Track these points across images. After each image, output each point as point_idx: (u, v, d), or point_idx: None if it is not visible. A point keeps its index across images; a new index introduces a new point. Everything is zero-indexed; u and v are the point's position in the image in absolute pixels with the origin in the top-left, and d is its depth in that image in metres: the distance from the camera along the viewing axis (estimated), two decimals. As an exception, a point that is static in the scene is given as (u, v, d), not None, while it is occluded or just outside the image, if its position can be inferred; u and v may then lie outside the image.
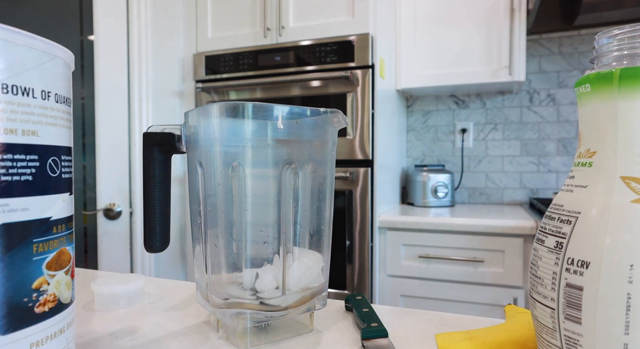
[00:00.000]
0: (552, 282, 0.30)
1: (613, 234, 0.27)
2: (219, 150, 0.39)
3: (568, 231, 0.30)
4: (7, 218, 0.25)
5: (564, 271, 0.29)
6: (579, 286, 0.28)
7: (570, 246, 0.29)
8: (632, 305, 0.26)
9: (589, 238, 0.28)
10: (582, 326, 0.28)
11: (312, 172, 0.43)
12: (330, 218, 0.45)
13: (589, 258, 0.28)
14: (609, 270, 0.27)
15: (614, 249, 0.27)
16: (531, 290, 0.32)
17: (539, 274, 0.31)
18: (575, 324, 0.28)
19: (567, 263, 0.29)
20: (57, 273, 0.29)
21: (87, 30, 1.79)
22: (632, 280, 0.26)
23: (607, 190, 0.29)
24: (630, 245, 0.27)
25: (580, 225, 0.29)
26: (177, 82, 1.71)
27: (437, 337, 0.36)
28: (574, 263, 0.29)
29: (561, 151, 1.77)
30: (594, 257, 0.28)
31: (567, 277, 0.29)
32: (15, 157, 0.26)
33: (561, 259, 0.30)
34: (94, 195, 1.65)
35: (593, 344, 0.27)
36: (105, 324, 0.47)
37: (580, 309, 0.28)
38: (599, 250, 0.28)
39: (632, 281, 0.26)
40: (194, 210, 0.45)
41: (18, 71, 0.26)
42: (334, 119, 0.43)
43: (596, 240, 0.28)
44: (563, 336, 0.29)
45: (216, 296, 0.40)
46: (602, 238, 0.28)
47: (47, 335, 0.28)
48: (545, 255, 0.31)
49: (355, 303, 0.48)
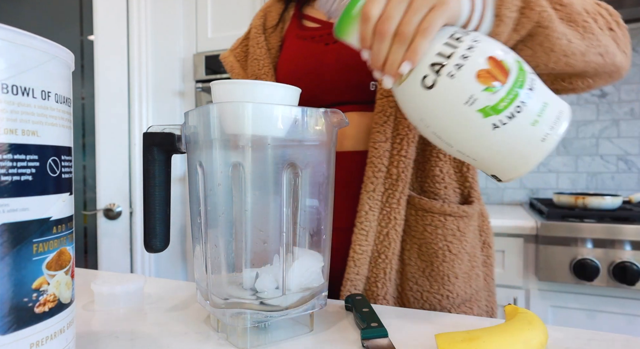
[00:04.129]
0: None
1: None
2: (219, 150, 0.39)
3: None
4: (7, 218, 0.25)
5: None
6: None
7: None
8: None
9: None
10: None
11: (312, 172, 0.43)
12: (330, 218, 0.45)
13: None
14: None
15: None
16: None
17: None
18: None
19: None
20: (57, 273, 0.29)
21: (87, 30, 1.79)
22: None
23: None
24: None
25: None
26: (177, 82, 1.71)
27: (437, 337, 0.36)
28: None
29: (561, 151, 1.77)
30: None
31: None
32: (15, 157, 0.26)
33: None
34: (94, 195, 1.65)
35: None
36: (105, 324, 0.47)
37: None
38: None
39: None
40: (194, 210, 0.45)
41: (18, 71, 0.26)
42: (334, 119, 0.43)
43: None
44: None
45: (216, 296, 0.40)
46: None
47: (47, 335, 0.28)
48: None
49: (355, 303, 0.48)
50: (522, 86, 0.39)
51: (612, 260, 1.16)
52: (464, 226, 0.60)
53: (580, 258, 1.18)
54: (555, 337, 0.42)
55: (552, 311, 1.25)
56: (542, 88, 0.40)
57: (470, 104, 0.39)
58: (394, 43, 0.40)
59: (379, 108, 0.58)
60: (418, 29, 0.39)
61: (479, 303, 0.64)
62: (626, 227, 1.15)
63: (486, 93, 0.38)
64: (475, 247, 0.65)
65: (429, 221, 0.59)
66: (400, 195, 0.57)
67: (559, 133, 0.39)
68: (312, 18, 0.70)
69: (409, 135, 0.57)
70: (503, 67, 0.39)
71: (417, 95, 0.41)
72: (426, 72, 0.40)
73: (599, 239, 1.18)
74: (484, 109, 0.39)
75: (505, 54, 0.40)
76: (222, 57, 0.76)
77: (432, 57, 0.40)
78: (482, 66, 0.38)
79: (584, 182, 1.74)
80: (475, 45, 0.39)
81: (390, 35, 0.40)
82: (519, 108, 0.38)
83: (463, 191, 0.63)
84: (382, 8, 0.40)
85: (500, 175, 0.42)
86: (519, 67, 0.40)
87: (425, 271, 0.59)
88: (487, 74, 0.38)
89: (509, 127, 0.39)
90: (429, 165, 0.60)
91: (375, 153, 0.57)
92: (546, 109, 0.39)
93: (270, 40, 0.71)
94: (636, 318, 1.17)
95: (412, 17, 0.39)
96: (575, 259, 1.18)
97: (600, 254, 1.17)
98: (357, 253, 0.56)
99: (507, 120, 0.38)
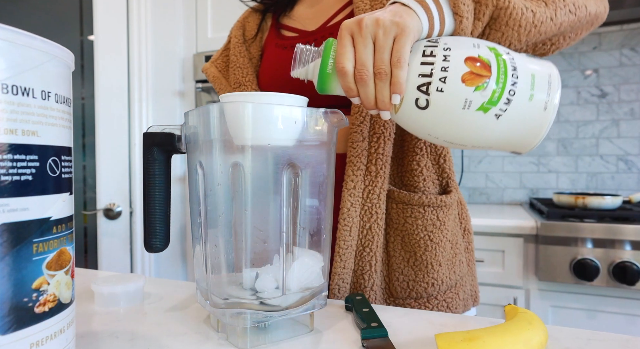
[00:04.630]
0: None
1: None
2: (219, 150, 0.39)
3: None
4: (7, 218, 0.25)
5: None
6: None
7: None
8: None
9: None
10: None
11: (312, 172, 0.43)
12: (330, 218, 0.45)
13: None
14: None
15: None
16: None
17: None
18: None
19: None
20: (57, 273, 0.29)
21: (87, 30, 1.79)
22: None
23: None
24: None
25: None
26: (177, 82, 1.71)
27: (437, 337, 0.36)
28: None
29: (561, 151, 1.77)
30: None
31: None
32: (15, 157, 0.26)
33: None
34: (94, 195, 1.65)
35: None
36: (105, 324, 0.47)
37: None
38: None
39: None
40: (194, 210, 0.45)
41: (18, 71, 0.26)
42: (334, 119, 0.43)
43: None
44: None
45: (216, 296, 0.40)
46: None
47: (47, 335, 0.28)
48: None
49: (355, 303, 0.48)
50: (505, 71, 0.40)
51: (612, 260, 1.16)
52: (443, 215, 0.63)
53: (580, 258, 1.18)
54: (555, 337, 0.42)
55: (552, 311, 1.25)
56: (523, 62, 0.42)
57: (467, 108, 0.40)
58: (377, 83, 0.43)
59: (355, 109, 0.60)
60: (392, 63, 0.42)
61: (464, 288, 0.67)
62: (626, 227, 1.15)
63: (477, 92, 0.40)
64: (457, 235, 0.67)
65: (409, 213, 0.61)
66: (380, 190, 0.59)
67: (556, 95, 0.41)
68: (290, 27, 0.72)
69: (385, 133, 0.60)
70: (482, 61, 0.40)
71: (416, 117, 0.43)
72: (416, 95, 0.42)
73: (599, 239, 1.18)
74: (482, 106, 0.40)
75: (477, 48, 0.41)
76: (203, 69, 0.78)
77: (416, 80, 0.42)
78: (464, 70, 0.40)
79: (584, 182, 1.74)
80: (448, 53, 0.41)
81: (371, 78, 0.43)
82: (512, 91, 0.40)
83: (441, 182, 0.66)
84: (352, 58, 0.43)
85: (518, 150, 0.44)
86: (495, 54, 0.41)
87: (409, 261, 0.61)
88: (471, 75, 0.40)
89: (510, 111, 0.41)
90: (407, 159, 0.63)
91: (354, 152, 0.59)
92: (535, 80, 0.41)
93: (251, 50, 0.74)
94: (636, 318, 1.17)
95: (382, 55, 0.42)
96: (575, 259, 1.18)
97: (600, 254, 1.17)
98: (342, 248, 0.58)
99: (506, 106, 0.40)
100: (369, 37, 0.42)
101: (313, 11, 0.71)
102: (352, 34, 0.43)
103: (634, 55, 1.66)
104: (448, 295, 0.63)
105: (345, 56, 0.43)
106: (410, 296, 0.61)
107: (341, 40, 0.44)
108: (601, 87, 1.71)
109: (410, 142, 0.62)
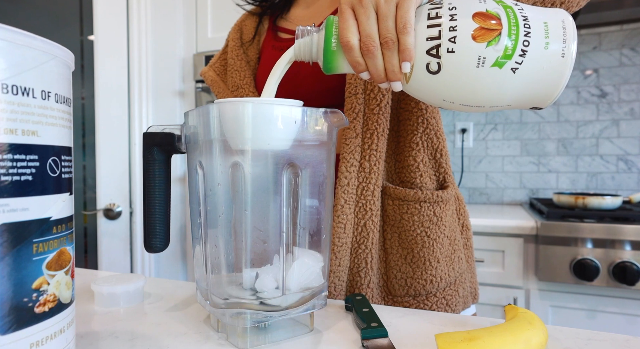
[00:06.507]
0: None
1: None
2: (219, 150, 0.39)
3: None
4: (7, 218, 0.25)
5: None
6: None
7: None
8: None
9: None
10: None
11: (312, 172, 0.43)
12: (330, 218, 0.45)
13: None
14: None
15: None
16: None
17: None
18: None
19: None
20: (57, 273, 0.29)
21: (87, 30, 1.79)
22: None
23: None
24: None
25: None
26: (177, 82, 1.71)
27: (437, 337, 0.36)
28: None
29: (561, 151, 1.77)
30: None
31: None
32: (15, 157, 0.26)
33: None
34: (94, 195, 1.65)
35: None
36: (105, 324, 0.47)
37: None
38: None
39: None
40: (194, 210, 0.45)
41: (18, 71, 0.26)
42: (334, 119, 0.43)
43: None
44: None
45: (216, 296, 0.40)
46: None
47: (47, 335, 0.28)
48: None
49: (355, 303, 0.48)
50: (517, 22, 0.39)
51: (612, 260, 1.16)
52: (440, 211, 0.62)
53: (580, 258, 1.18)
54: (555, 337, 0.42)
55: (552, 311, 1.25)
56: (533, 11, 0.40)
57: (481, 65, 0.39)
58: (385, 53, 0.41)
59: (348, 106, 0.60)
60: (397, 30, 0.40)
61: (464, 285, 0.67)
62: (626, 227, 1.15)
63: (490, 47, 0.38)
64: (455, 231, 0.67)
65: (405, 209, 0.61)
66: (375, 187, 0.59)
67: (573, 41, 0.39)
68: (287, 29, 0.72)
69: (379, 129, 0.59)
70: (491, 15, 0.39)
71: (429, 83, 0.42)
72: (427, 60, 0.40)
73: (599, 239, 1.18)
74: (497, 62, 0.38)
75: (484, 3, 0.40)
76: (201, 73, 0.78)
77: (424, 45, 0.40)
78: (473, 26, 0.38)
79: (584, 182, 1.74)
80: (454, 12, 0.39)
81: (378, 49, 0.41)
82: (526, 42, 0.38)
83: (438, 177, 0.65)
84: (356, 31, 0.42)
85: (539, 104, 0.43)
86: (504, 6, 0.40)
87: (407, 258, 0.61)
88: (481, 31, 0.38)
89: (527, 63, 0.39)
90: (403, 155, 0.63)
91: (347, 149, 0.59)
92: (549, 28, 0.39)
93: (249, 53, 0.74)
94: (636, 318, 1.17)
95: (387, 23, 0.41)
96: (575, 259, 1.18)
97: (600, 254, 1.17)
98: (337, 245, 0.58)
99: (522, 58, 0.39)
100: (370, 7, 0.41)
101: (309, 12, 0.71)
102: (353, 6, 0.42)
103: (634, 55, 1.66)
104: (447, 292, 0.63)
105: (349, 30, 0.41)
106: (408, 294, 0.61)
107: (342, 14, 0.42)
108: (601, 87, 1.71)
109: (406, 137, 0.62)
